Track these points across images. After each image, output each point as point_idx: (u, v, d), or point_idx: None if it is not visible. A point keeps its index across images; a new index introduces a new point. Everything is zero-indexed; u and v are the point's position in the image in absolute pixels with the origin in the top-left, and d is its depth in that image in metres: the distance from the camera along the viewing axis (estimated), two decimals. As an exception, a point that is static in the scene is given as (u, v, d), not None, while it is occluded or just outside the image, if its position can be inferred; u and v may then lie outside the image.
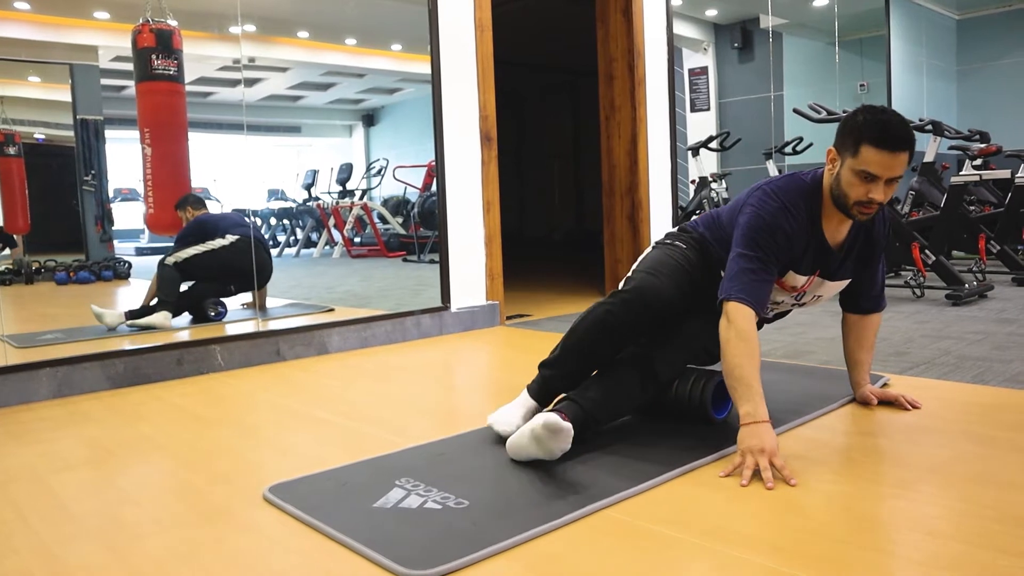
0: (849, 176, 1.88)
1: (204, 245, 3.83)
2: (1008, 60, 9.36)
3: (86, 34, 3.79)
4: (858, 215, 1.92)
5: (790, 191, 1.99)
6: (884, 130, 1.82)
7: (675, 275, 2.07)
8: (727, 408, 2.13)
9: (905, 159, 1.84)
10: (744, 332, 1.86)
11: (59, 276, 3.79)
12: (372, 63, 5.25)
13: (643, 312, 2.01)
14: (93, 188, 3.81)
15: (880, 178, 1.84)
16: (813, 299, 2.18)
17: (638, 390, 1.99)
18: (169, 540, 1.51)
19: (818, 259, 2.04)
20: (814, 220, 1.99)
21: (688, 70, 9.39)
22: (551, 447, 1.74)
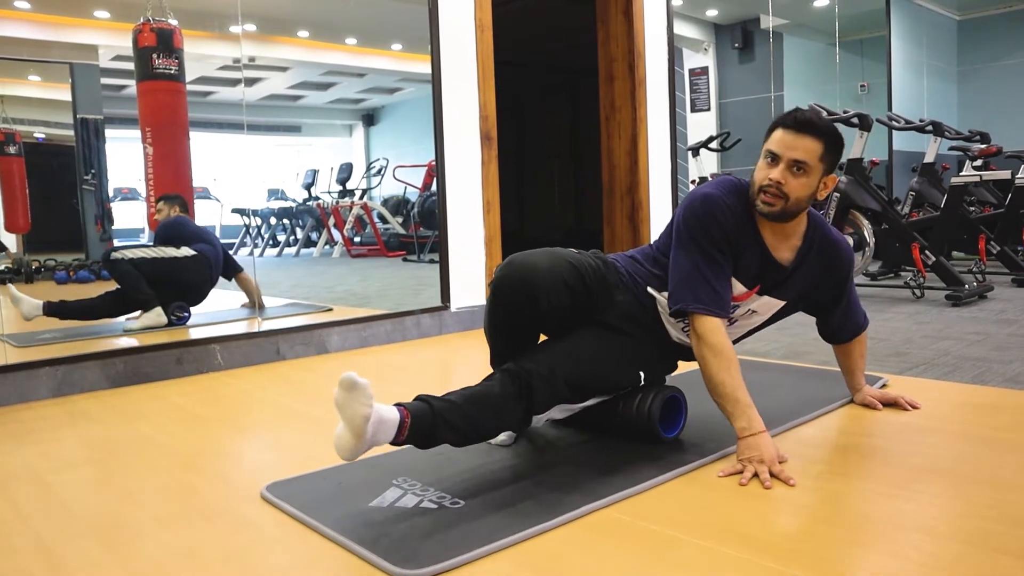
0: (760, 163, 1.86)
1: (156, 250, 3.74)
2: (1009, 61, 9.37)
3: (86, 33, 3.79)
4: (761, 204, 1.83)
5: (719, 185, 1.92)
6: (792, 113, 1.83)
7: (560, 261, 1.86)
8: (679, 426, 2.00)
9: (811, 146, 1.79)
10: (717, 346, 1.80)
11: (59, 275, 3.79)
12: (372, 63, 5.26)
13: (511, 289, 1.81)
14: (93, 187, 3.81)
15: (781, 158, 1.81)
16: (746, 314, 2.01)
17: (509, 404, 1.71)
18: (168, 539, 1.51)
19: (762, 270, 1.93)
20: (750, 217, 1.90)
21: (688, 70, 9.40)
22: (351, 412, 1.49)
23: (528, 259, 1.84)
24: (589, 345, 1.87)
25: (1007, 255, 5.63)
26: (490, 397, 1.70)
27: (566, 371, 1.79)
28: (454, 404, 1.65)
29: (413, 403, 1.62)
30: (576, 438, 2.02)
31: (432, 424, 1.59)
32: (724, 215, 1.86)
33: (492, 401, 1.70)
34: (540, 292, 1.78)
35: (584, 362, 1.84)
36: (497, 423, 1.74)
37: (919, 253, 4.77)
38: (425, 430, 1.59)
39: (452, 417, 1.62)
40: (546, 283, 1.79)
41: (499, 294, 1.85)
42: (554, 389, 1.77)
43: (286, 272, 5.22)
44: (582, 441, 2.00)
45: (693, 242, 1.86)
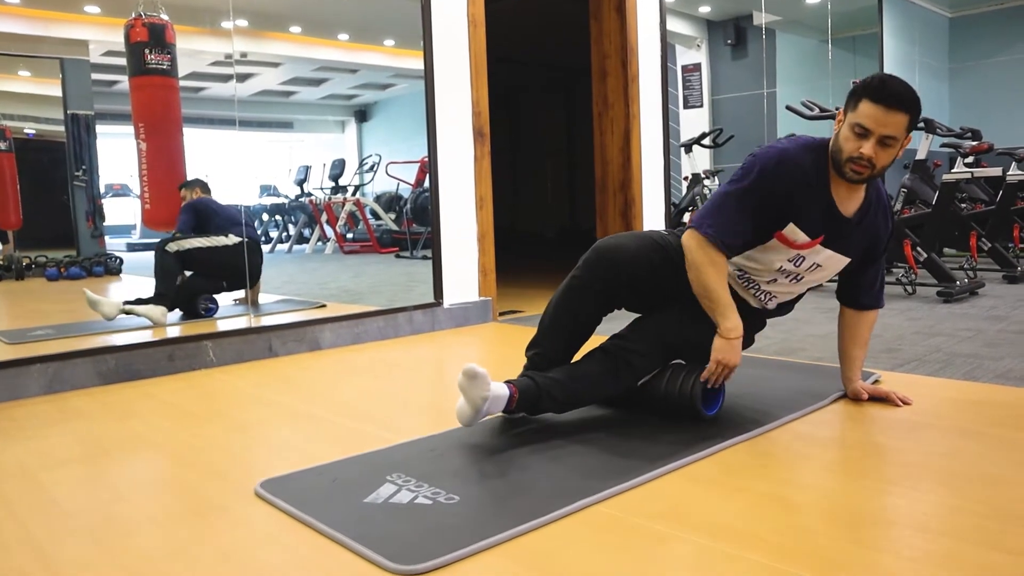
0: (846, 131, 1.90)
1: (208, 240, 3.80)
2: (1000, 58, 9.40)
3: (77, 28, 3.77)
4: (850, 172, 1.91)
5: (794, 141, 2.01)
6: (882, 86, 1.84)
7: (639, 240, 2.07)
8: (717, 404, 2.12)
9: (901, 120, 1.84)
10: (714, 259, 1.94)
11: (50, 272, 3.77)
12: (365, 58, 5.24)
13: (604, 270, 2.02)
14: (84, 183, 3.80)
15: (873, 133, 1.85)
16: (811, 269, 2.08)
17: (607, 379, 2.00)
18: (161, 536, 1.50)
19: (826, 222, 2.00)
20: (820, 172, 1.97)
21: (681, 67, 9.39)
22: (472, 395, 1.82)
23: (615, 241, 2.06)
24: (679, 325, 2.06)
25: (998, 252, 5.66)
26: (591, 375, 1.99)
27: (662, 351, 2.04)
28: (557, 382, 1.95)
29: (521, 379, 1.95)
30: (570, 435, 2.02)
31: (537, 396, 1.93)
32: (792, 173, 1.95)
33: (592, 378, 1.98)
34: (626, 266, 2.02)
35: (676, 340, 2.06)
36: (599, 395, 2.05)
37: (911, 250, 4.78)
38: (531, 401, 1.92)
39: (555, 392, 1.94)
40: (633, 258, 2.02)
41: (589, 272, 2.05)
42: (652, 363, 2.04)
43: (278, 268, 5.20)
44: (576, 438, 2.00)
45: (744, 184, 1.97)
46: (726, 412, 2.14)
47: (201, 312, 3.77)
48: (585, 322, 2.09)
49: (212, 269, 3.83)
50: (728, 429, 1.98)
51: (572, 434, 2.02)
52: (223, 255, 3.82)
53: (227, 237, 3.85)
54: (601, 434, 2.00)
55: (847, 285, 2.23)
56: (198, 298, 3.78)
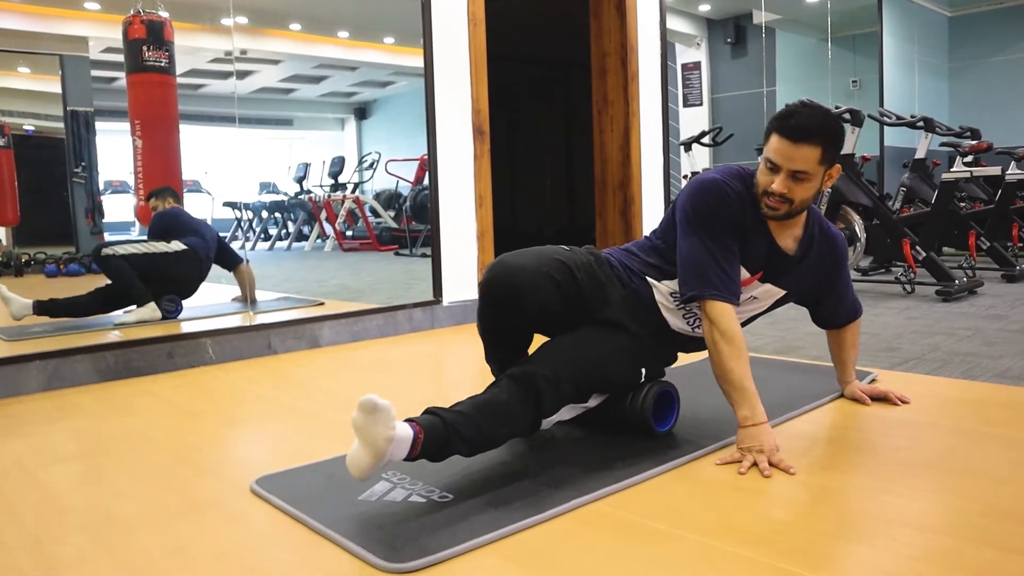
0: (761, 165, 1.83)
1: (146, 245, 3.70)
2: (999, 57, 9.40)
3: (76, 25, 3.77)
4: (765, 208, 1.83)
5: (724, 172, 1.91)
6: (786, 119, 1.76)
7: (548, 260, 1.86)
8: (671, 420, 2.01)
9: (810, 154, 1.75)
10: (728, 332, 1.80)
11: (49, 268, 3.77)
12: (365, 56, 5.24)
13: (499, 290, 1.81)
14: (83, 180, 3.80)
15: (780, 168, 1.78)
16: (749, 300, 2.00)
17: (519, 407, 1.70)
18: (158, 533, 1.50)
19: (768, 258, 1.93)
20: (755, 203, 1.88)
21: (681, 65, 9.40)
22: (372, 435, 1.45)
23: (515, 259, 1.83)
24: (591, 346, 1.87)
25: (997, 251, 5.66)
26: (499, 405, 1.68)
27: (571, 373, 1.78)
28: (465, 416, 1.62)
29: (424, 417, 1.60)
30: (565, 433, 2.02)
31: (445, 438, 1.58)
32: (732, 201, 1.85)
33: (502, 409, 1.68)
34: (527, 291, 1.78)
35: (588, 363, 1.84)
36: (507, 431, 1.71)
37: (910, 249, 4.79)
38: (438, 444, 1.57)
39: (463, 429, 1.60)
40: (533, 282, 1.79)
41: (488, 295, 1.86)
42: (561, 391, 1.76)
43: (277, 266, 5.21)
44: (572, 436, 2.00)
45: (702, 227, 1.84)
46: (724, 411, 2.13)
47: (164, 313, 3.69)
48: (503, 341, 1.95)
49: (149, 273, 3.67)
50: (725, 428, 1.98)
51: (567, 432, 2.02)
52: (159, 261, 3.70)
53: (167, 244, 3.74)
54: (596, 432, 2.00)
55: (817, 315, 2.21)
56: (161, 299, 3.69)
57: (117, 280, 3.59)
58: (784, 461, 1.71)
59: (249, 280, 3.97)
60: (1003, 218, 6.04)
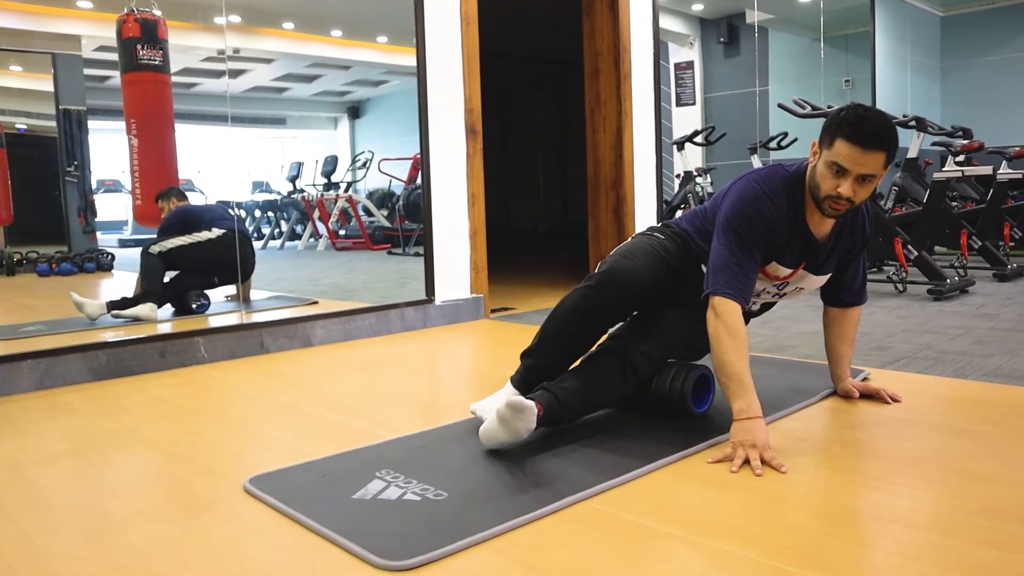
0: (823, 168, 1.88)
1: (190, 236, 3.80)
2: (991, 57, 9.43)
3: (69, 23, 3.76)
4: (828, 209, 1.91)
5: (772, 181, 1.99)
6: (859, 125, 1.81)
7: (649, 259, 2.07)
8: (707, 401, 2.14)
9: (879, 159, 1.82)
10: (732, 327, 1.86)
11: (41, 268, 3.76)
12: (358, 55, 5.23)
13: (616, 293, 2.01)
14: (76, 179, 3.78)
15: (850, 173, 1.83)
16: (795, 291, 2.17)
17: (617, 382, 2.00)
18: (151, 532, 1.50)
19: (804, 252, 2.04)
20: (797, 211, 1.98)
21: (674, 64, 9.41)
22: (516, 426, 1.76)
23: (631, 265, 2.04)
24: (679, 325, 2.09)
25: (988, 250, 5.68)
26: (602, 380, 1.99)
27: (664, 349, 2.07)
28: (573, 391, 1.94)
29: (542, 394, 1.91)
30: (560, 432, 2.03)
31: (558, 412, 1.91)
32: (770, 213, 1.95)
33: (603, 383, 2.00)
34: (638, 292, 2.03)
35: (677, 340, 2.10)
36: (606, 401, 2.06)
37: (902, 248, 4.80)
38: (552, 417, 1.90)
39: (573, 403, 1.93)
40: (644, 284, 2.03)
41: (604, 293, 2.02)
42: (655, 365, 2.06)
43: (270, 265, 5.20)
44: (566, 435, 2.00)
45: (735, 235, 1.95)
46: (716, 409, 2.15)
47: (193, 308, 3.77)
48: (587, 338, 2.09)
49: (198, 265, 3.81)
50: (718, 426, 1.99)
51: (562, 431, 2.02)
52: (207, 250, 3.82)
53: (210, 231, 3.85)
54: (591, 431, 2.01)
55: (828, 285, 2.25)
56: (188, 294, 3.77)
57: (145, 275, 3.68)
58: (776, 458, 1.72)
59: (244, 279, 3.97)
60: (994, 217, 6.06)
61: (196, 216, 3.88)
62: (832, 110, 4.79)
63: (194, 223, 3.85)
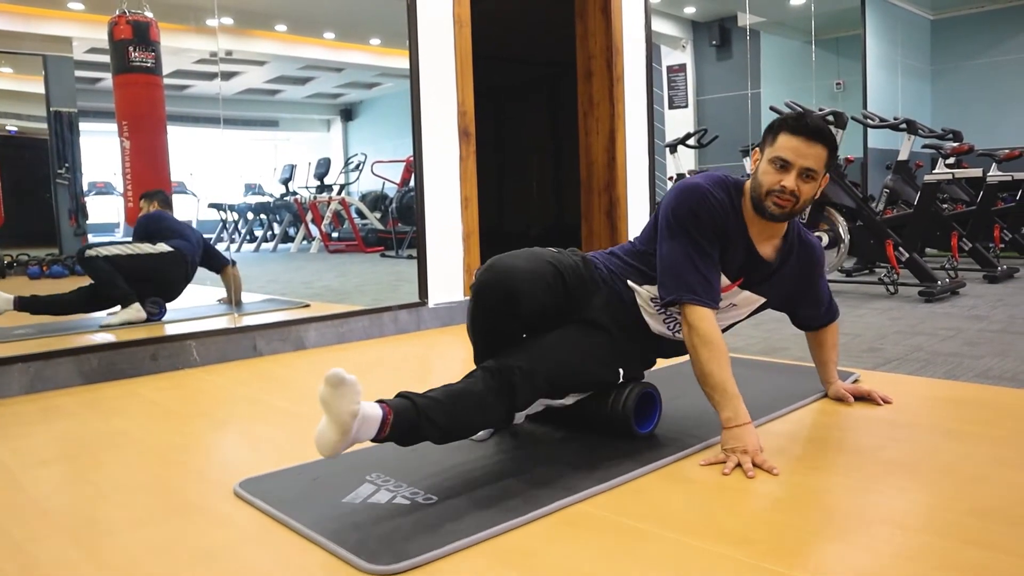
0: (765, 166, 1.86)
1: (131, 247, 3.69)
2: (981, 60, 9.48)
3: (60, 25, 3.75)
4: (772, 207, 1.85)
5: (707, 179, 1.94)
6: (799, 119, 1.83)
7: (535, 260, 1.87)
8: (653, 421, 2.02)
9: (821, 153, 1.82)
10: (707, 336, 1.82)
11: (32, 270, 3.74)
12: (350, 57, 5.24)
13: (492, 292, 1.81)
14: (67, 181, 3.77)
15: (793, 166, 1.82)
16: (727, 307, 2.02)
17: (492, 398, 1.71)
18: (142, 536, 1.50)
19: (746, 265, 1.96)
20: (737, 211, 1.92)
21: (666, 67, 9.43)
22: (338, 409, 1.47)
23: (508, 262, 1.83)
24: (569, 343, 1.88)
25: (979, 252, 5.71)
26: (472, 394, 1.70)
27: (547, 368, 1.80)
28: (437, 401, 1.64)
29: (395, 400, 1.61)
30: (550, 434, 2.03)
31: (415, 422, 1.59)
32: (713, 207, 1.89)
33: (474, 399, 1.70)
34: (521, 295, 1.79)
35: (564, 359, 1.86)
36: (479, 420, 1.74)
37: (893, 250, 4.82)
38: (407, 427, 1.58)
39: (434, 415, 1.61)
40: (527, 286, 1.80)
41: (480, 298, 1.85)
42: (535, 385, 1.78)
43: (263, 267, 5.19)
44: (556, 437, 2.00)
45: (683, 232, 1.87)
46: (707, 412, 2.14)
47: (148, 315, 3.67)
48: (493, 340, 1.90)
49: (134, 275, 3.66)
50: (709, 429, 1.99)
51: (552, 434, 2.02)
52: (143, 263, 3.69)
53: (152, 245, 3.73)
54: (582, 434, 2.00)
55: (795, 317, 2.25)
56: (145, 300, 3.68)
57: (100, 281, 3.58)
58: (767, 462, 1.72)
59: (235, 282, 3.96)
60: (984, 219, 6.09)
61: (163, 227, 3.79)
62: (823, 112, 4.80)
63: (158, 232, 3.77)
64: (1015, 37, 9.23)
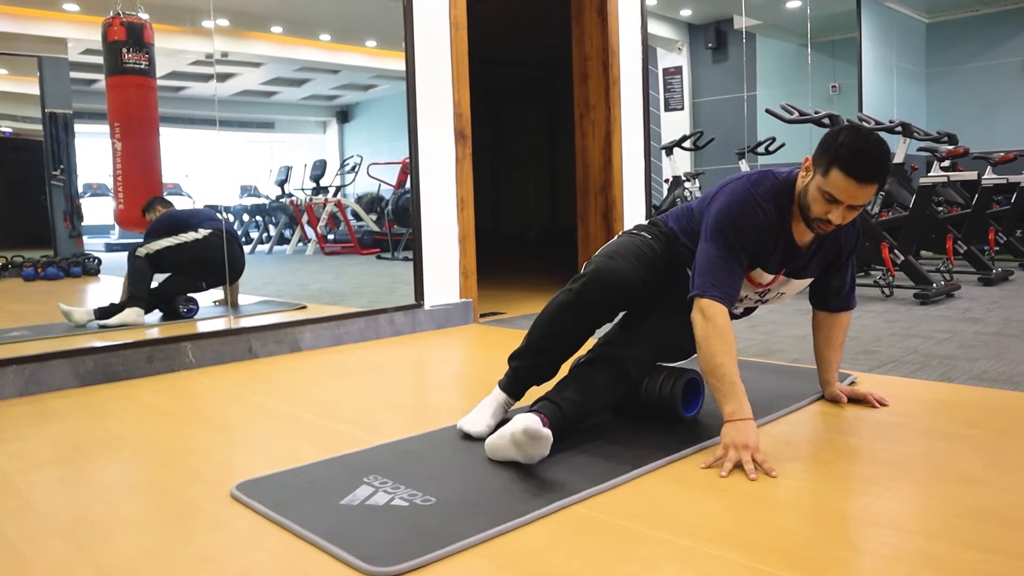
0: (815, 192, 1.88)
1: (176, 238, 3.75)
2: (976, 64, 9.50)
3: (55, 26, 3.74)
4: (816, 229, 1.94)
5: (761, 186, 2.00)
6: (856, 159, 1.79)
7: (634, 259, 2.06)
8: (697, 405, 2.14)
9: (872, 190, 1.83)
10: (721, 329, 1.86)
11: (27, 272, 3.73)
12: (347, 59, 5.23)
13: (601, 294, 2.00)
14: (62, 183, 3.76)
15: (842, 203, 1.85)
16: (777, 296, 2.20)
17: (611, 388, 1.99)
18: (138, 539, 1.49)
19: (786, 258, 2.06)
20: (784, 219, 2.00)
21: (662, 69, 9.43)
22: (531, 452, 1.72)
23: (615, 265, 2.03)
24: (666, 326, 2.08)
25: (974, 254, 5.72)
26: (597, 389, 1.98)
27: (652, 352, 2.06)
28: (575, 403, 1.93)
29: (545, 405, 1.91)
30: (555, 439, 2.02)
31: (561, 424, 1.88)
32: (759, 219, 1.97)
33: (599, 392, 1.98)
34: (624, 292, 2.01)
35: (664, 342, 2.09)
36: (601, 407, 2.05)
37: (888, 252, 4.83)
38: (555, 430, 1.82)
39: (574, 414, 1.92)
40: (630, 284, 2.01)
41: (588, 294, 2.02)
42: (644, 370, 2.06)
43: (259, 269, 5.18)
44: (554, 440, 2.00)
45: (723, 238, 1.96)
46: (706, 413, 2.15)
47: (182, 313, 3.75)
48: (575, 340, 2.08)
49: (186, 265, 3.77)
50: (707, 430, 1.99)
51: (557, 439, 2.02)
52: (194, 249, 3.77)
53: (196, 232, 3.80)
54: (579, 436, 2.00)
55: (816, 291, 2.27)
56: (176, 299, 3.75)
57: (132, 279, 3.66)
58: (767, 461, 1.73)
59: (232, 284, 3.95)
60: (979, 222, 6.11)
61: (183, 219, 3.85)
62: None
63: (181, 225, 3.82)
64: (1010, 41, 9.26)
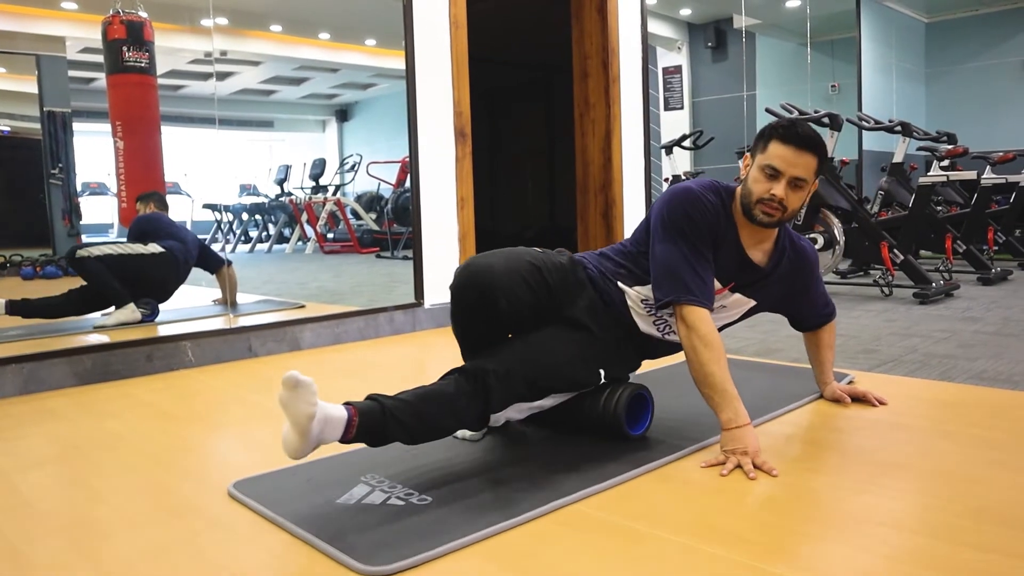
0: (756, 173, 1.87)
1: (121, 247, 3.68)
2: (975, 63, 9.51)
3: (53, 24, 3.73)
4: (760, 215, 1.86)
5: (699, 183, 1.96)
6: (790, 128, 1.83)
7: (519, 261, 1.88)
8: (645, 423, 2.00)
9: (811, 162, 1.83)
10: (707, 337, 1.82)
11: (25, 271, 3.73)
12: (346, 58, 5.22)
13: (469, 291, 1.83)
14: (60, 182, 3.75)
15: (784, 175, 1.82)
16: (718, 308, 2.02)
17: (463, 400, 1.70)
18: (137, 537, 1.49)
19: (738, 269, 1.97)
20: (728, 215, 1.93)
21: (662, 69, 9.44)
22: (296, 411, 1.47)
23: (485, 260, 1.85)
24: (548, 343, 1.87)
25: (973, 254, 5.72)
26: (444, 396, 1.69)
27: (524, 370, 1.78)
28: (405, 403, 1.64)
29: (362, 402, 1.61)
30: (545, 435, 2.02)
31: (382, 423, 1.59)
32: (706, 211, 1.90)
33: (445, 400, 1.69)
34: (498, 292, 1.79)
35: (543, 360, 1.83)
36: (451, 422, 1.72)
37: (888, 252, 4.83)
38: (374, 428, 1.58)
39: (402, 415, 1.61)
40: (504, 283, 1.81)
41: (458, 297, 1.87)
42: (511, 387, 1.76)
43: (258, 268, 5.18)
44: (551, 438, 2.00)
45: (678, 233, 1.88)
46: (704, 414, 2.14)
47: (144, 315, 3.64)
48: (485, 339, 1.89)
49: (124, 275, 3.64)
50: (706, 430, 1.99)
51: (546, 435, 2.02)
52: (134, 263, 3.67)
53: (144, 246, 3.72)
54: (576, 435, 2.00)
55: (792, 319, 2.26)
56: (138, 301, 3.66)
57: (93, 282, 3.56)
58: (768, 463, 1.73)
59: (231, 283, 3.95)
60: (979, 222, 6.11)
61: (150, 230, 3.77)
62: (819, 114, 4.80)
63: (153, 233, 3.75)
64: (1009, 40, 9.26)
